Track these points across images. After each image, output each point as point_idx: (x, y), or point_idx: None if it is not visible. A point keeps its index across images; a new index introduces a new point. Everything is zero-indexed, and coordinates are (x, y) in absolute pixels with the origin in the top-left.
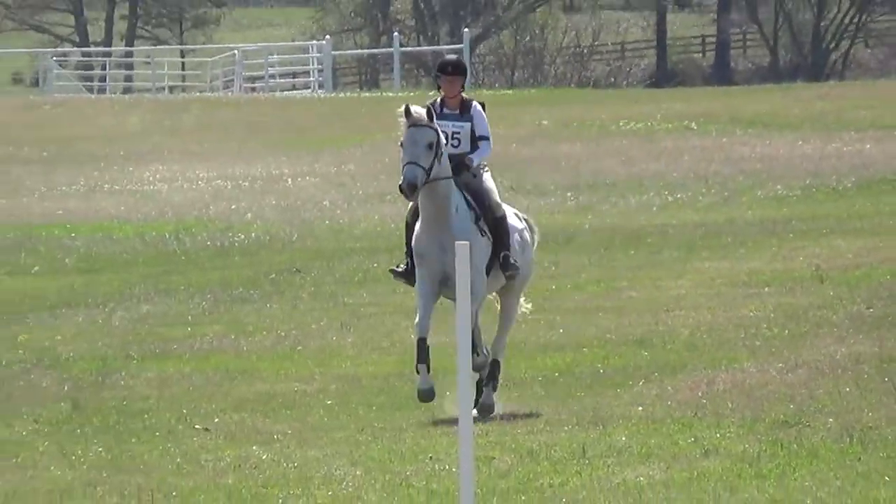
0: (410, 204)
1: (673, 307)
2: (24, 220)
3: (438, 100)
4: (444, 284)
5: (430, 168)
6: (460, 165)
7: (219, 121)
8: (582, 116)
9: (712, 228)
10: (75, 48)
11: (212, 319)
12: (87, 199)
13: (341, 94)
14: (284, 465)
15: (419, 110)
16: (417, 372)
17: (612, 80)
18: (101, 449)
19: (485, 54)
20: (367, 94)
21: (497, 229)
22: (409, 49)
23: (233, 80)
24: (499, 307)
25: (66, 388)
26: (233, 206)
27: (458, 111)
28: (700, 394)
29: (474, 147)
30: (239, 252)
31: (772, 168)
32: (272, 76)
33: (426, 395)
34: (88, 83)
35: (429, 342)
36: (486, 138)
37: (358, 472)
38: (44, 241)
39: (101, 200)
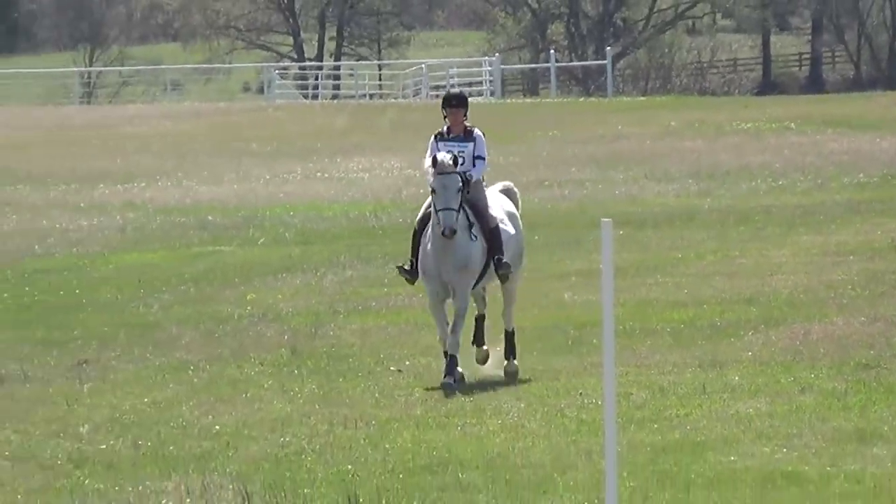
0: (419, 214)
1: (775, 272)
2: (252, 202)
3: (445, 128)
4: (445, 288)
5: (460, 209)
6: (465, 182)
7: (409, 122)
8: (702, 119)
9: (808, 209)
10: (293, 63)
11: (403, 282)
12: (303, 184)
13: (508, 101)
14: (462, 399)
15: (446, 159)
16: (443, 386)
17: (726, 89)
18: (314, 386)
19: (623, 68)
20: (529, 101)
21: (491, 237)
22: (562, 64)
23: (420, 88)
24: (501, 292)
25: (285, 337)
26: (420, 191)
27: (461, 135)
28: (798, 342)
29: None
30: None
31: (856, 160)
32: (452, 86)
33: (450, 387)
34: (304, 91)
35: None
36: (483, 158)
37: (521, 405)
38: (268, 219)
39: (314, 185)
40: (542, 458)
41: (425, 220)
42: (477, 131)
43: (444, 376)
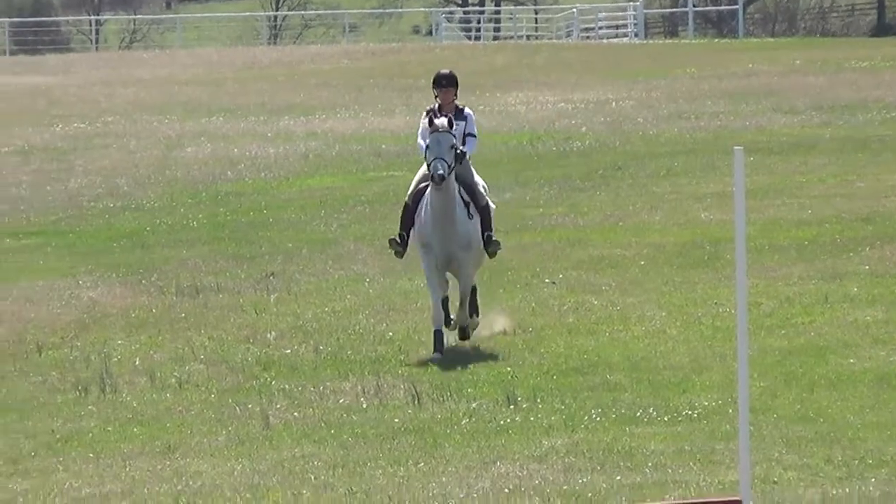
0: (410, 189)
1: (889, 194)
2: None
3: (436, 106)
4: (448, 265)
5: (452, 165)
6: (457, 156)
7: (561, 60)
8: (824, 57)
9: None
10: (458, 7)
11: (557, 203)
12: None
13: (650, 42)
14: (609, 308)
15: (442, 120)
16: (432, 360)
17: (846, 31)
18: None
19: (753, 13)
20: (669, 41)
21: (483, 215)
22: (698, 9)
23: (572, 30)
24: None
25: None
26: (572, 122)
27: (452, 115)
28: None
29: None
30: (576, 154)
31: None
32: (600, 27)
33: (438, 354)
34: (468, 33)
35: (444, 331)
36: (474, 136)
37: (663, 314)
38: None
39: (477, 117)
40: (681, 361)
41: (418, 195)
42: (467, 110)
43: (434, 352)
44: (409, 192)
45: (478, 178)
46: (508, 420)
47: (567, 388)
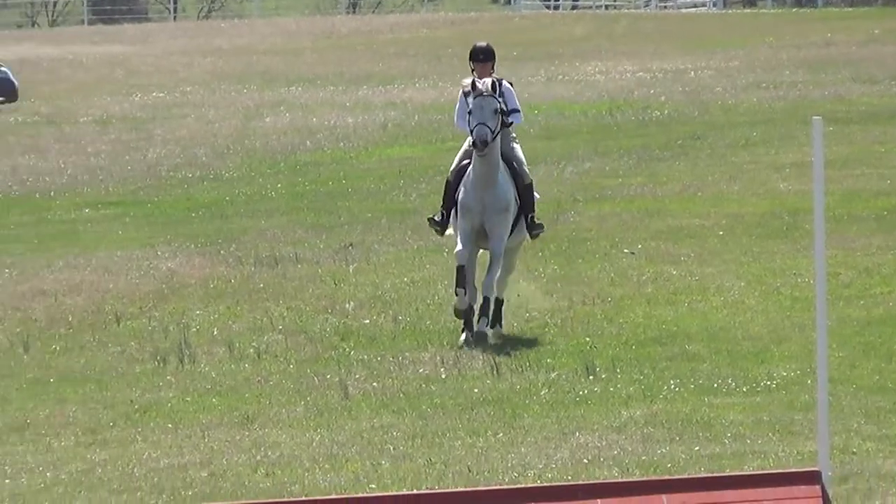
0: (452, 166)
1: None
2: None
3: (473, 79)
4: (481, 236)
5: (496, 130)
6: (503, 123)
7: (640, 30)
8: None
9: None
10: None
11: (635, 173)
12: (546, 86)
13: (729, 11)
14: (688, 278)
15: (485, 83)
16: (456, 294)
17: None
18: (556, 267)
19: None
20: (747, 11)
21: (525, 194)
22: None
23: (651, 0)
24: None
25: None
26: (650, 91)
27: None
28: None
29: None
30: (655, 124)
31: None
32: None
33: (463, 313)
34: (546, 2)
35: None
36: (518, 110)
37: (741, 284)
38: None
39: (556, 87)
40: (759, 331)
41: (460, 172)
42: (506, 83)
43: (456, 286)
44: (452, 169)
45: (521, 155)
46: (587, 390)
47: (646, 358)
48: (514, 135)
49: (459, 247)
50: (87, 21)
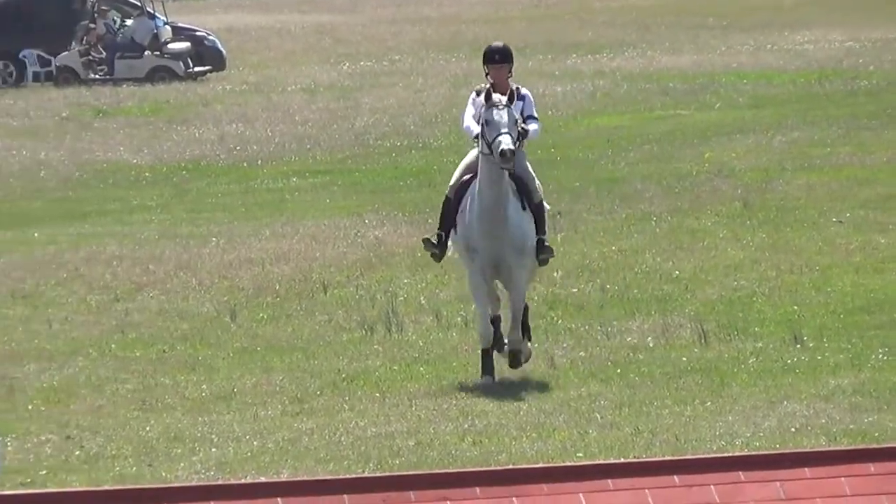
0: (452, 181)
1: None
2: (708, 70)
3: (489, 86)
4: (498, 273)
5: (517, 141)
6: (519, 134)
7: None
8: None
9: None
10: None
11: (844, 142)
12: (754, 55)
13: None
14: None
15: (500, 96)
16: (482, 380)
17: None
18: (763, 235)
19: None
20: None
21: (536, 213)
22: None
23: None
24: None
25: (738, 191)
26: (859, 60)
27: (507, 97)
28: None
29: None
30: (863, 93)
31: None
32: None
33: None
34: None
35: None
36: (536, 119)
37: None
38: (722, 86)
39: (764, 56)
40: None
41: (461, 189)
42: (524, 90)
43: (483, 374)
44: (451, 184)
45: (531, 170)
46: (795, 359)
47: (853, 327)
48: (524, 151)
49: (481, 321)
50: None
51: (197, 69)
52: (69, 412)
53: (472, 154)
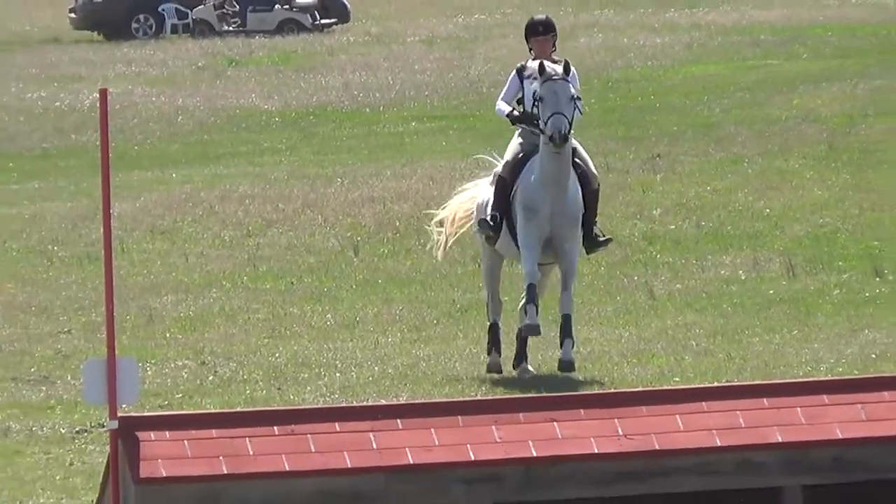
0: (506, 159)
1: None
2: (796, 23)
3: (530, 61)
4: (549, 242)
5: (572, 121)
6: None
7: None
8: None
9: None
10: None
11: None
12: (839, 9)
13: None
14: None
15: (555, 67)
16: (525, 313)
17: None
18: (847, 176)
19: None
20: None
21: (591, 200)
22: None
23: None
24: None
25: (824, 135)
26: None
27: (562, 68)
28: None
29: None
30: None
31: None
32: None
33: (534, 331)
34: None
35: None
36: (580, 98)
37: None
38: (809, 37)
39: (848, 10)
40: None
41: (516, 168)
42: (570, 65)
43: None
44: (504, 163)
45: (585, 154)
46: (876, 291)
47: None
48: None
49: (528, 263)
50: None
51: (323, 21)
52: (204, 340)
53: (517, 140)
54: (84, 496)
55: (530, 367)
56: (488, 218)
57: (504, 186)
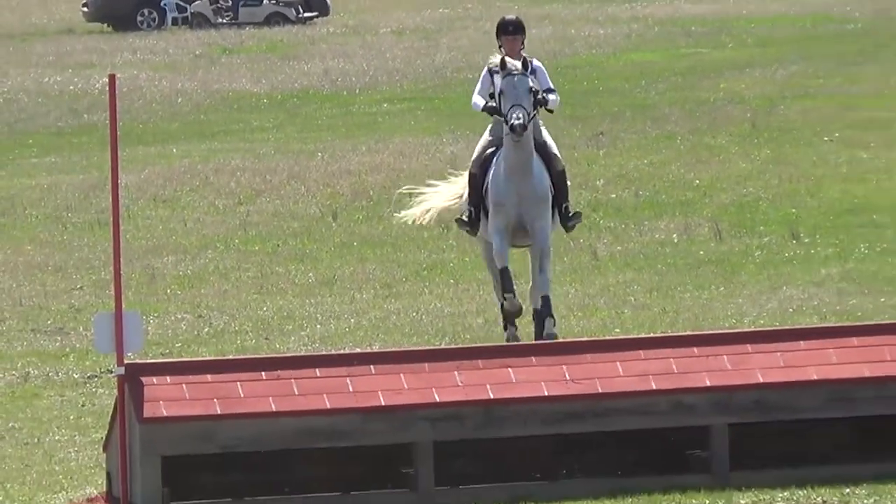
0: (474, 156)
1: None
2: (722, 15)
3: (499, 59)
4: (519, 228)
5: (531, 112)
6: (537, 102)
7: None
8: None
9: None
10: None
11: (834, 75)
12: (761, 3)
13: None
14: (877, 160)
15: (515, 63)
16: (504, 299)
17: None
18: (768, 151)
19: None
20: None
21: (559, 181)
22: None
23: None
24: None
25: (747, 115)
26: (847, 8)
27: (521, 64)
28: None
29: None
30: (850, 35)
31: None
32: None
33: (516, 313)
34: None
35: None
36: (553, 90)
37: None
38: (734, 28)
39: (769, 4)
40: None
41: (485, 163)
42: (536, 62)
43: (504, 292)
44: (473, 159)
45: (550, 139)
46: (792, 253)
47: (841, 226)
48: (540, 120)
49: (497, 248)
50: None
51: (306, 15)
52: (200, 295)
53: (487, 134)
54: (95, 434)
55: (555, 331)
56: (464, 216)
57: (475, 181)
